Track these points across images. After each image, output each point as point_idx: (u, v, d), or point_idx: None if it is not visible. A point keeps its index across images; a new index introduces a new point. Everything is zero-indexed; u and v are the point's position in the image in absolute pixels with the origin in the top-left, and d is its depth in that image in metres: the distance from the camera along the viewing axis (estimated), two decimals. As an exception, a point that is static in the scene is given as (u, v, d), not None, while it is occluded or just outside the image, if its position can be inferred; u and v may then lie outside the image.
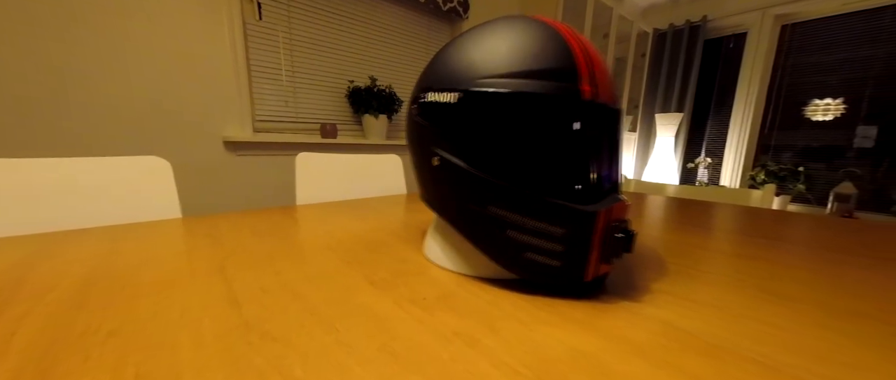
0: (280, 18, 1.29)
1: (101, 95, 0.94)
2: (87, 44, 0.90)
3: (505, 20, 0.30)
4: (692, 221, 0.59)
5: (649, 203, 0.78)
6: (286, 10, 1.30)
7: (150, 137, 1.02)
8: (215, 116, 1.13)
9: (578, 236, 0.27)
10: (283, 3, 1.29)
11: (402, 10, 1.63)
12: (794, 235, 0.51)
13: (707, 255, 0.41)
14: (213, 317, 0.24)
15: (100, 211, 0.49)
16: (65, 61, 0.89)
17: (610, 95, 0.29)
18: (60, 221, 0.46)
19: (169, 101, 1.04)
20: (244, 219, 0.52)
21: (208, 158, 1.14)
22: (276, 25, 1.29)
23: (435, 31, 1.78)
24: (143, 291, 0.28)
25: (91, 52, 0.92)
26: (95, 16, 0.90)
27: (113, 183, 0.49)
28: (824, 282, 0.33)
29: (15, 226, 0.43)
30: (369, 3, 1.53)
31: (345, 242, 0.42)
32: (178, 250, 0.38)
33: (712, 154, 3.09)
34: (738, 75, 2.83)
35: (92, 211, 0.48)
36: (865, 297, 0.30)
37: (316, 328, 0.23)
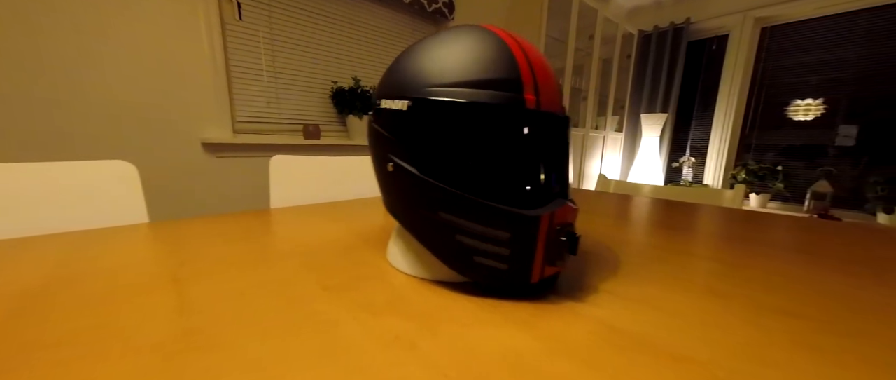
0: (261, 18, 1.28)
1: (72, 96, 0.92)
2: (58, 42, 0.89)
3: (457, 30, 0.31)
4: (658, 221, 0.61)
5: (622, 204, 0.79)
6: (267, 9, 1.29)
7: (124, 139, 1.01)
8: (193, 118, 1.12)
9: (523, 240, 0.27)
10: (264, 2, 1.28)
11: (387, 10, 1.63)
12: (751, 235, 0.53)
13: (662, 254, 0.42)
14: (155, 326, 0.24)
15: (63, 217, 0.48)
16: (34, 59, 0.87)
17: (555, 104, 0.30)
18: (20, 228, 0.45)
19: (144, 101, 1.03)
20: (211, 223, 0.52)
21: (186, 161, 1.12)
22: (256, 25, 1.27)
23: (420, 32, 1.78)
24: (90, 300, 0.28)
25: (62, 51, 0.90)
26: (66, 13, 0.88)
27: (77, 188, 0.49)
28: (765, 280, 0.35)
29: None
30: (353, 4, 1.53)
31: (309, 247, 0.42)
32: (135, 257, 0.38)
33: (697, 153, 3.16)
34: (721, 76, 2.90)
35: (54, 217, 0.47)
36: (798, 294, 0.32)
37: (258, 336, 0.23)
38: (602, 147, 3.05)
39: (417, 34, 1.76)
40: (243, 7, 1.23)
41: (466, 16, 1.91)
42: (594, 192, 1.00)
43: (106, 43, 0.95)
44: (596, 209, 0.71)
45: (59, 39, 0.89)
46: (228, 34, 1.21)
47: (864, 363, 0.22)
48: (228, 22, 1.20)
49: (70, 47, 0.91)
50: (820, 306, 0.29)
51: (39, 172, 0.46)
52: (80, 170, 0.48)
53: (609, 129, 3.12)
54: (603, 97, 3.00)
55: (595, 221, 0.60)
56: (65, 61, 0.91)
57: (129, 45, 0.99)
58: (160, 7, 1.02)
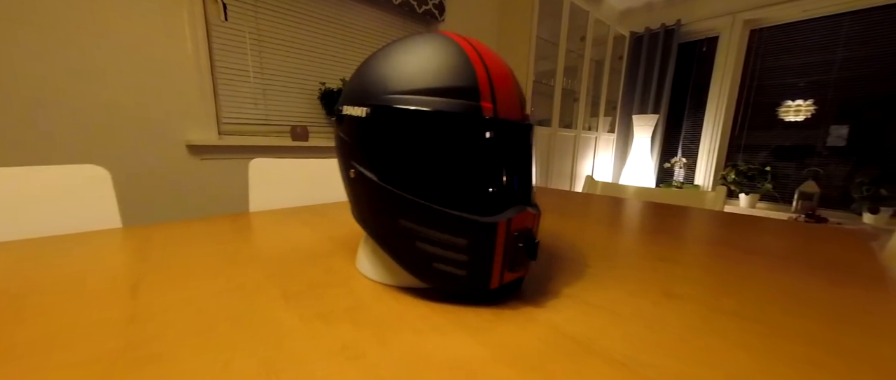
0: (247, 19, 1.27)
1: (51, 97, 0.91)
2: (38, 42, 0.87)
3: (419, 37, 0.31)
4: (635, 224, 0.62)
5: (605, 206, 0.80)
6: (253, 10, 1.28)
7: (106, 141, 1.00)
8: (177, 119, 1.11)
9: (480, 247, 0.28)
10: (251, 3, 1.27)
11: (377, 11, 1.62)
12: (720, 238, 0.53)
13: (628, 258, 0.42)
14: (101, 338, 0.24)
15: (33, 222, 0.47)
16: (12, 59, 0.86)
17: (514, 111, 0.30)
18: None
19: (126, 103, 1.02)
20: (185, 228, 0.51)
21: (170, 163, 1.11)
22: (242, 26, 1.27)
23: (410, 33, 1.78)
24: (41, 310, 0.27)
25: (42, 52, 0.88)
26: (46, 13, 0.87)
27: (48, 193, 0.48)
28: (722, 283, 0.35)
29: None
30: (342, 4, 1.52)
31: (278, 252, 0.42)
32: (100, 264, 0.37)
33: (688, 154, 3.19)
34: (711, 78, 2.93)
35: (24, 222, 0.47)
36: (752, 297, 0.32)
37: (205, 348, 0.23)
38: (594, 148, 3.07)
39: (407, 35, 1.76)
40: (229, 7, 1.22)
41: (457, 17, 1.91)
42: (581, 193, 1.01)
43: (87, 44, 0.94)
44: (577, 212, 0.71)
45: (39, 40, 0.88)
46: (214, 35, 1.20)
47: (803, 364, 0.22)
48: (214, 23, 1.19)
49: (50, 48, 0.90)
50: (771, 308, 0.30)
51: (8, 177, 0.45)
52: (51, 174, 0.47)
53: (601, 129, 3.14)
54: (595, 98, 3.02)
55: (573, 224, 0.60)
56: (45, 62, 0.89)
57: (111, 46, 0.97)
58: (143, 8, 1.01)
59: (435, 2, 1.71)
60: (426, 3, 1.66)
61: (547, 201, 0.83)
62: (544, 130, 2.46)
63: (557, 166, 2.64)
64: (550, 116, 2.48)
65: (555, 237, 0.51)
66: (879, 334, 0.26)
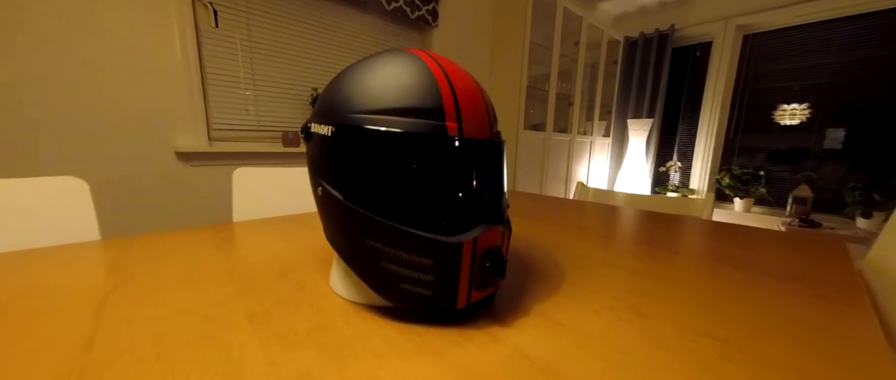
0: (239, 25, 1.27)
1: (36, 104, 0.90)
2: (25, 48, 0.87)
3: (386, 55, 0.31)
4: (618, 234, 0.61)
5: (592, 214, 0.80)
6: (245, 16, 1.28)
7: (92, 148, 0.99)
8: (166, 126, 1.10)
9: (445, 267, 0.27)
10: (242, 9, 1.27)
11: (369, 17, 1.63)
12: (700, 249, 0.53)
13: (603, 271, 0.42)
14: (55, 364, 0.23)
15: (7, 236, 0.47)
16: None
17: (481, 130, 0.30)
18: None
19: (113, 109, 1.01)
20: (163, 240, 0.51)
21: (158, 170, 1.10)
22: (233, 32, 1.27)
23: (404, 39, 1.78)
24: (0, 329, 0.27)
25: (29, 58, 0.88)
26: (31, 18, 0.87)
27: (24, 206, 0.48)
28: (694, 299, 0.35)
29: None
30: (334, 11, 1.52)
31: (253, 266, 0.42)
32: (70, 279, 0.37)
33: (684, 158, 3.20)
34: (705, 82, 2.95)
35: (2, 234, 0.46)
36: (723, 315, 0.32)
37: (155, 374, 0.23)
38: (589, 152, 3.08)
39: (402, 41, 1.77)
40: (220, 14, 1.22)
41: (450, 23, 1.92)
42: (571, 201, 1.01)
43: (74, 50, 0.94)
44: (561, 221, 0.71)
45: (26, 46, 0.87)
46: (204, 41, 1.20)
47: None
48: (204, 29, 1.19)
49: (37, 55, 0.89)
50: (741, 327, 0.30)
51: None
52: (27, 186, 0.47)
53: (596, 134, 3.14)
54: (590, 102, 3.03)
55: (555, 234, 0.60)
56: (32, 69, 0.89)
57: (97, 51, 0.97)
58: (130, 13, 1.01)
59: (428, 7, 1.72)
60: (419, 8, 1.67)
61: (533, 210, 0.83)
62: (539, 135, 2.46)
63: (552, 171, 2.64)
64: (545, 121, 2.49)
65: (534, 249, 0.51)
66: (847, 359, 0.26)
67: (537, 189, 2.54)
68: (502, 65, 2.28)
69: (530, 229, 0.63)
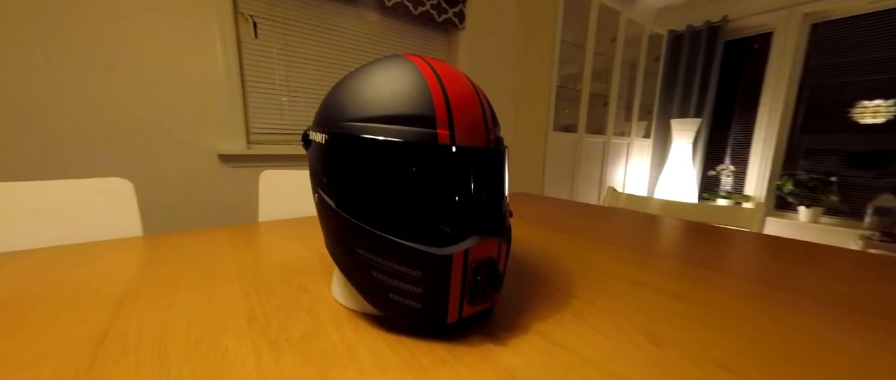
0: (275, 35, 1.35)
1: (91, 110, 1.02)
2: (78, 60, 0.98)
3: (381, 62, 0.30)
4: (644, 246, 0.56)
5: (618, 223, 0.75)
6: (282, 26, 1.37)
7: (142, 151, 1.10)
8: (209, 130, 1.20)
9: (434, 279, 0.26)
10: (279, 20, 1.35)
11: (397, 22, 1.66)
12: (738, 265, 0.47)
13: (619, 287, 0.39)
14: (68, 357, 0.25)
15: (60, 232, 0.53)
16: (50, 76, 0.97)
17: (476, 138, 0.28)
18: (18, 242, 0.51)
19: (162, 115, 1.12)
20: (189, 239, 0.55)
21: (202, 172, 1.21)
22: (271, 41, 1.35)
23: (431, 43, 1.80)
24: (32, 321, 0.30)
25: (81, 69, 1.00)
26: (87, 32, 0.98)
27: (76, 204, 0.54)
28: (718, 324, 0.31)
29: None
30: (362, 18, 1.57)
31: (263, 268, 0.44)
32: (98, 275, 0.40)
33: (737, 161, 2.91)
34: (764, 77, 2.66)
35: (52, 232, 0.53)
36: (750, 345, 0.28)
37: (152, 373, 0.24)
38: (627, 154, 2.90)
39: (428, 45, 1.78)
40: (259, 25, 1.31)
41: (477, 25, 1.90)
42: (598, 207, 0.95)
43: (127, 61, 1.05)
44: (582, 229, 0.67)
45: (84, 58, 0.99)
46: (244, 51, 1.29)
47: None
48: (244, 40, 1.28)
49: (94, 66, 1.01)
50: (770, 362, 0.25)
51: (39, 190, 0.51)
52: (77, 187, 0.53)
53: (635, 135, 2.96)
54: (628, 102, 2.86)
55: (571, 244, 0.56)
56: (89, 78, 1.01)
57: (149, 62, 1.08)
58: (179, 29, 1.11)
59: (455, 10, 1.72)
60: (445, 11, 1.67)
61: (554, 217, 0.79)
62: (569, 137, 2.36)
63: (584, 174, 2.52)
64: (576, 122, 2.38)
65: (545, 260, 0.48)
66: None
67: (567, 193, 2.44)
68: (531, 65, 2.22)
69: (545, 238, 0.60)
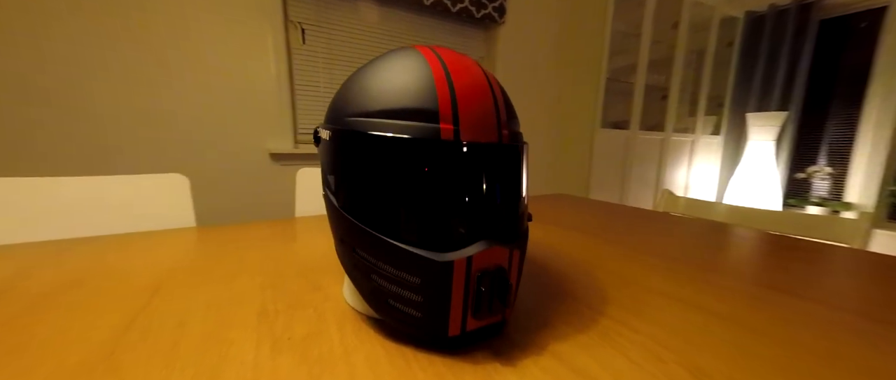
0: (321, 40, 1.43)
1: (157, 112, 1.16)
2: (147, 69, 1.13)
3: (387, 54, 0.29)
4: (695, 258, 0.48)
5: (667, 230, 0.65)
6: (327, 31, 1.44)
7: (200, 149, 1.23)
8: (261, 130, 1.31)
9: (433, 287, 0.24)
10: (325, 26, 1.43)
11: (435, 20, 1.66)
12: (822, 288, 0.38)
13: (662, 306, 0.33)
14: (93, 343, 0.27)
15: (123, 222, 0.61)
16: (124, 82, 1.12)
17: (485, 132, 0.25)
18: (87, 231, 0.58)
19: (219, 117, 1.25)
20: (229, 232, 0.59)
21: (254, 168, 1.32)
22: (317, 47, 1.43)
23: (469, 39, 1.77)
24: (70, 305, 0.33)
25: (152, 77, 1.14)
26: (151, 48, 1.12)
27: (137, 197, 0.61)
28: (782, 362, 0.24)
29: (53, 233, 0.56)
30: (402, 19, 1.60)
31: (285, 263, 0.45)
32: (142, 262, 0.45)
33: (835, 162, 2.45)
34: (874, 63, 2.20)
35: (116, 222, 0.60)
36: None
37: (158, 367, 0.24)
38: (690, 153, 2.60)
39: (466, 42, 1.76)
40: (307, 32, 1.39)
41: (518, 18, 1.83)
42: (650, 212, 0.85)
43: (187, 68, 1.18)
44: (627, 236, 0.59)
45: (151, 66, 1.13)
46: (293, 56, 1.39)
47: None
48: (293, 46, 1.38)
49: (159, 72, 1.15)
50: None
51: (104, 184, 0.59)
52: (139, 182, 0.60)
53: (701, 132, 2.64)
54: (692, 95, 2.56)
55: (612, 252, 0.50)
56: (154, 84, 1.15)
57: (208, 69, 1.21)
58: (236, 37, 1.22)
59: (494, 4, 1.67)
60: (485, 6, 1.63)
61: (593, 221, 0.72)
62: (620, 134, 2.17)
63: (637, 175, 2.30)
64: (628, 118, 2.18)
65: (575, 270, 0.43)
66: None
67: (616, 196, 2.25)
68: (576, 58, 2.08)
69: (580, 245, 0.54)
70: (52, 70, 1.02)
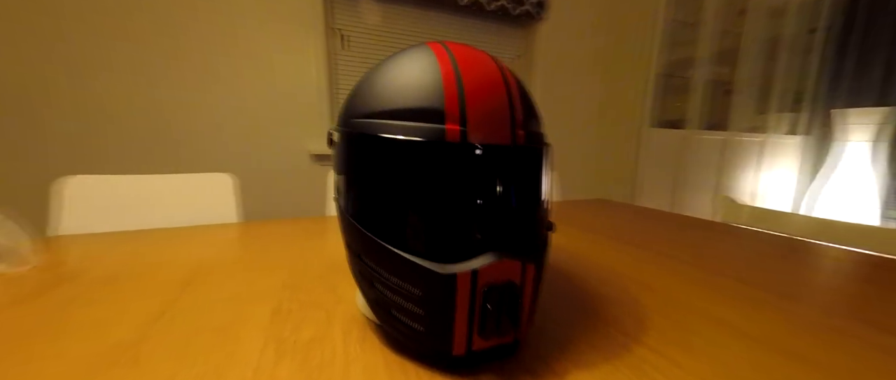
0: (359, 45, 1.48)
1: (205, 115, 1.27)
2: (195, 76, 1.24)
3: (398, 53, 0.28)
4: (759, 278, 0.41)
5: (728, 245, 0.57)
6: (366, 36, 1.48)
7: (247, 149, 1.34)
8: (303, 133, 1.40)
9: (436, 302, 0.22)
10: (364, 31, 1.48)
11: (473, 20, 1.63)
12: None
13: (714, 335, 0.28)
14: (120, 330, 0.29)
15: (173, 216, 0.67)
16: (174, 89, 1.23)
17: (494, 133, 0.23)
18: (141, 223, 0.65)
19: (264, 119, 1.35)
20: (269, 227, 0.62)
21: (297, 169, 1.41)
22: (355, 51, 1.48)
23: (506, 38, 1.72)
24: (107, 294, 0.36)
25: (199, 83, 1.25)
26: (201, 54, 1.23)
27: (186, 194, 0.67)
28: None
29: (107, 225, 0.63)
30: (439, 21, 1.60)
31: (308, 261, 0.46)
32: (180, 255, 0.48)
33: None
34: None
35: (166, 216, 0.67)
36: None
37: (173, 359, 0.25)
38: (758, 156, 2.29)
39: (502, 41, 1.71)
40: (347, 37, 1.45)
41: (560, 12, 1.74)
42: (708, 222, 0.75)
43: (234, 72, 1.29)
44: (676, 251, 0.53)
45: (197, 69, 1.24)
46: (333, 60, 1.45)
47: None
48: (334, 51, 1.44)
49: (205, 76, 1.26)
50: None
51: (157, 182, 0.66)
52: (188, 180, 0.66)
53: (776, 131, 2.31)
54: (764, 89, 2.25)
55: (658, 269, 0.44)
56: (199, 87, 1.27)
57: (254, 73, 1.31)
58: (280, 43, 1.32)
59: (533, 1, 1.60)
60: (522, 3, 1.57)
61: (641, 231, 0.65)
62: (674, 134, 1.97)
63: (693, 180, 2.07)
64: (684, 116, 1.98)
65: (612, 287, 0.39)
66: None
67: (666, 203, 2.05)
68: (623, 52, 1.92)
69: (619, 258, 0.49)
70: (123, 79, 1.17)
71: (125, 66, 1.16)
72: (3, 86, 1.06)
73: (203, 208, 0.69)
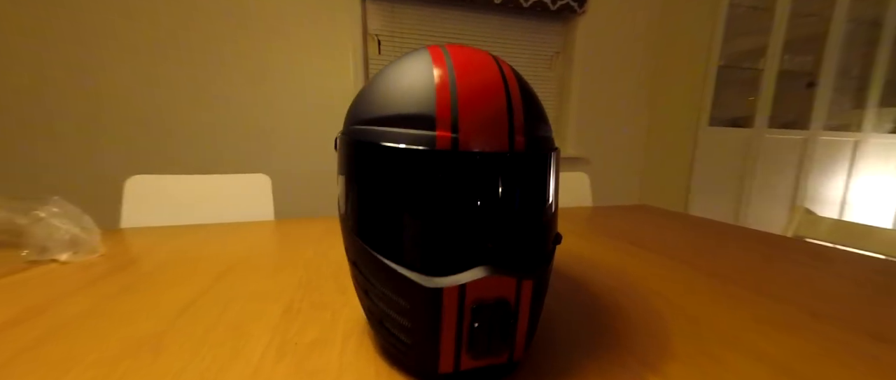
0: (394, 48, 1.52)
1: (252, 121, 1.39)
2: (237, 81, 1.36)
3: (401, 57, 0.27)
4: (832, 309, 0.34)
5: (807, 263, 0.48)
6: (400, 40, 1.52)
7: (286, 151, 1.45)
8: (339, 134, 1.48)
9: (421, 315, 0.22)
10: (398, 36, 1.52)
11: (511, 19, 1.59)
12: None
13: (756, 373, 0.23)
14: (151, 319, 0.31)
15: (213, 214, 0.73)
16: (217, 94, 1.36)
17: (489, 139, 0.22)
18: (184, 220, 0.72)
19: (303, 122, 1.45)
20: (294, 226, 0.65)
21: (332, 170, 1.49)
22: (390, 56, 1.53)
23: (543, 35, 1.65)
24: (146, 285, 0.39)
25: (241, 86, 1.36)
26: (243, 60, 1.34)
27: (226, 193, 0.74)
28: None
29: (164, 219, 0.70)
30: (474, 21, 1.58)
31: (326, 259, 0.47)
32: (219, 250, 0.52)
33: None
34: None
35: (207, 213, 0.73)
36: None
37: (189, 350, 0.26)
38: (850, 159, 1.95)
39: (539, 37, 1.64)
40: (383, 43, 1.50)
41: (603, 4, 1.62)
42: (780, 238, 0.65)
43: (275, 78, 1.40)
44: (729, 271, 0.46)
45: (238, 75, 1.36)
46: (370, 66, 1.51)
47: None
48: (371, 56, 1.50)
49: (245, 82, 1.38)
50: None
51: (199, 182, 0.73)
52: (227, 180, 0.72)
53: (870, 129, 1.96)
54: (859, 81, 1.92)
55: (704, 290, 0.39)
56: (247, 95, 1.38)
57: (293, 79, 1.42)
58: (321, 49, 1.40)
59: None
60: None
61: (688, 245, 0.58)
62: (738, 134, 1.75)
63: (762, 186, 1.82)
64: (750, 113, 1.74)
65: (639, 308, 0.35)
66: None
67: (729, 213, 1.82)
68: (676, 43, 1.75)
69: (650, 272, 0.44)
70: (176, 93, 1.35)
71: (179, 82, 1.33)
72: (88, 101, 1.26)
73: (244, 207, 0.75)
